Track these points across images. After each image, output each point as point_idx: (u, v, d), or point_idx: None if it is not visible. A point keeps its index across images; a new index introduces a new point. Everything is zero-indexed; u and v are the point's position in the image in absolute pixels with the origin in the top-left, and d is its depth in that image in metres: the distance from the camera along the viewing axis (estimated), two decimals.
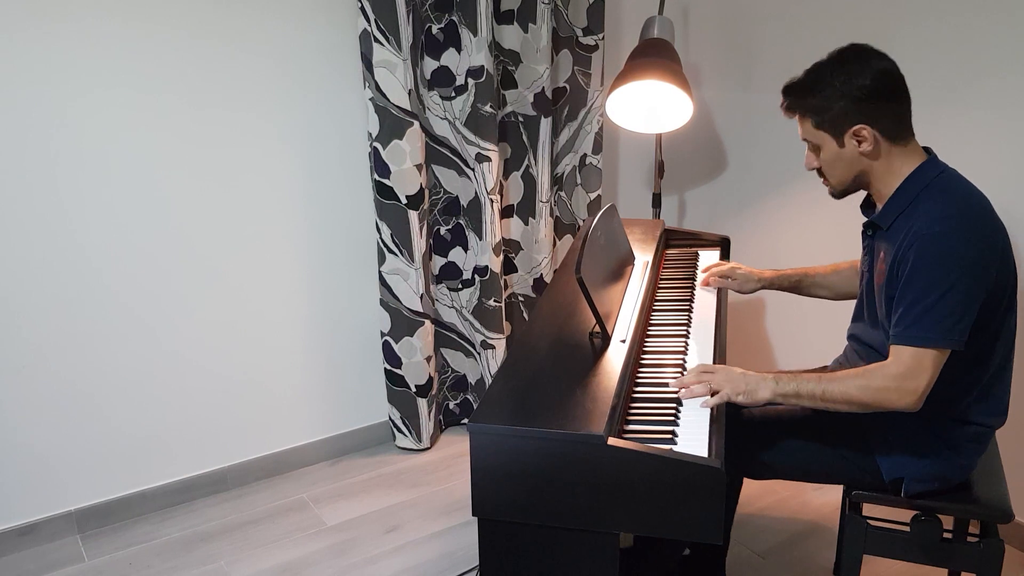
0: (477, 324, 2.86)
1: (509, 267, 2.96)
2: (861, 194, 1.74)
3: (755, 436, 1.77)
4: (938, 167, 1.60)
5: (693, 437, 1.50)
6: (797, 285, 2.08)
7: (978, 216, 1.52)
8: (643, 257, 2.26)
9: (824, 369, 1.88)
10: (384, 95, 2.45)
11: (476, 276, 2.82)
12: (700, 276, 2.25)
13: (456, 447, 2.90)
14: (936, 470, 1.64)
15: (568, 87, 2.84)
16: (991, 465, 1.75)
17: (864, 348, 1.77)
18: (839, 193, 1.69)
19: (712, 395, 1.60)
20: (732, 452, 1.76)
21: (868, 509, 1.90)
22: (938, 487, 1.66)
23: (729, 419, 1.76)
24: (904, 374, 1.50)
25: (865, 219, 1.71)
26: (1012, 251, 1.57)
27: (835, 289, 2.03)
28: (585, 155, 2.95)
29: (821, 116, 1.59)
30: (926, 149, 1.64)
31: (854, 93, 1.55)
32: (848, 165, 1.62)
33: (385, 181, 2.54)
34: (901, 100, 1.58)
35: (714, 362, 1.78)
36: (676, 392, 1.63)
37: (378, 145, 2.50)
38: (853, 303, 1.87)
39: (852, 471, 1.72)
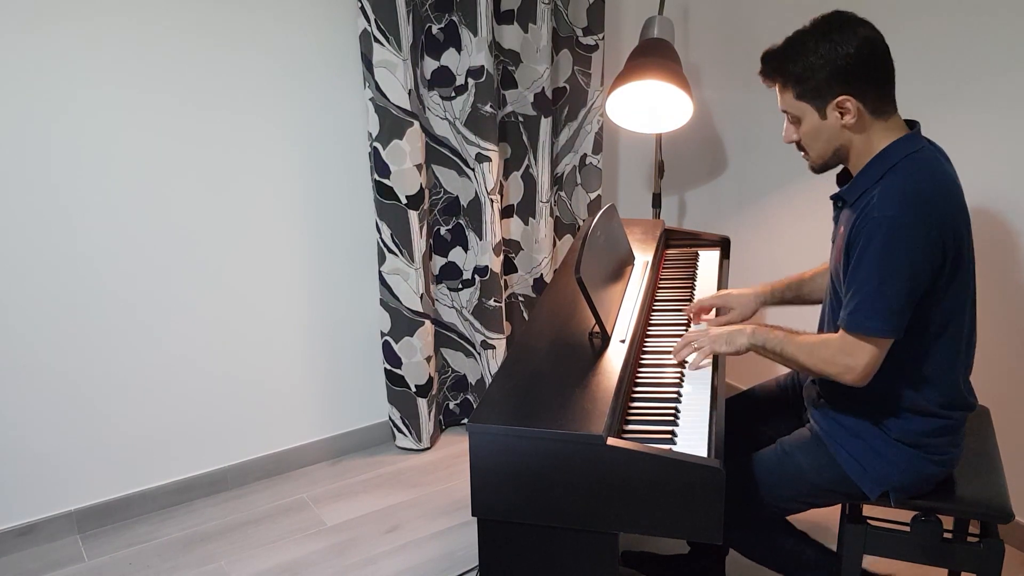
0: (477, 324, 2.86)
1: (509, 267, 2.96)
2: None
3: (743, 496, 1.73)
4: (914, 144, 1.53)
5: (693, 437, 1.50)
6: (799, 293, 1.95)
7: (932, 200, 1.46)
8: (643, 257, 2.26)
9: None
10: (384, 95, 2.45)
11: (476, 276, 2.81)
12: (699, 275, 2.25)
13: (456, 447, 2.90)
14: (914, 475, 1.62)
15: (568, 87, 2.84)
16: (991, 465, 1.75)
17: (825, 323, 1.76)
18: (819, 167, 1.64)
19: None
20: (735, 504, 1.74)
21: (868, 509, 1.90)
22: (927, 490, 1.64)
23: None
24: (845, 351, 1.52)
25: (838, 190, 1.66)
26: (969, 237, 1.54)
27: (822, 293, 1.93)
28: (585, 155, 2.95)
29: (803, 86, 1.53)
30: (911, 123, 1.59)
31: (839, 62, 1.48)
32: (829, 138, 1.57)
33: (385, 181, 2.54)
34: (886, 71, 1.52)
35: (714, 360, 1.78)
36: (676, 367, 1.75)
37: (378, 145, 2.50)
38: None
39: (841, 497, 1.70)
